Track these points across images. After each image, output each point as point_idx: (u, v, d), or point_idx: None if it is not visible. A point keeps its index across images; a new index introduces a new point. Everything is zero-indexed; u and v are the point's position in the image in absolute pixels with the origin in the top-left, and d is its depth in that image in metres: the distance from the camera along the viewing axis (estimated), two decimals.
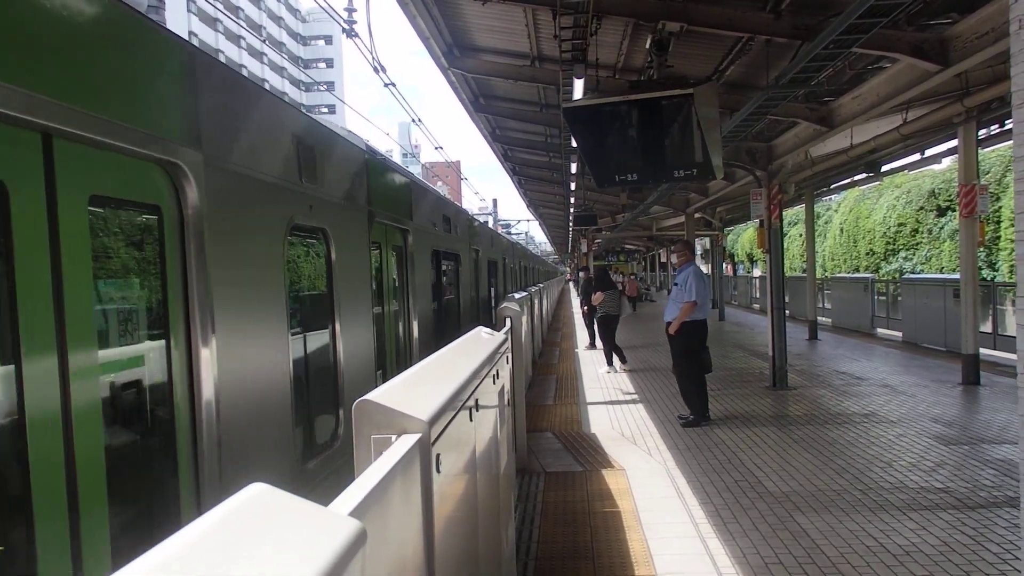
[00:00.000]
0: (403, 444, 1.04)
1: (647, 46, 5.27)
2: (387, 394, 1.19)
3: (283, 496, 0.61)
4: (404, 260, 5.16)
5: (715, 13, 5.10)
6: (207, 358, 2.11)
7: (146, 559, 0.46)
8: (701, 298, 6.24)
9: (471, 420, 1.78)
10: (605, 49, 6.46)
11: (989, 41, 4.46)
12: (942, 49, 4.91)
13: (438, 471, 1.20)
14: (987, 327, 10.57)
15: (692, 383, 6.37)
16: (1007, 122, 8.57)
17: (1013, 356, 9.43)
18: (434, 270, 6.33)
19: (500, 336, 3.14)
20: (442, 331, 6.46)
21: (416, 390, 1.36)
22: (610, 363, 9.82)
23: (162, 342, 2.03)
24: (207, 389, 2.10)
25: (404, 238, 5.17)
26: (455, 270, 7.75)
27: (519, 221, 78.75)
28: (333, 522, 0.59)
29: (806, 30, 5.05)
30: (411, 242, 5.24)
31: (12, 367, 1.48)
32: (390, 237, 4.84)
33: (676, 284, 6.48)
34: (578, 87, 5.80)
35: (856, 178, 12.83)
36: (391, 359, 4.67)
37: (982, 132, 8.85)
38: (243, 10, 57.24)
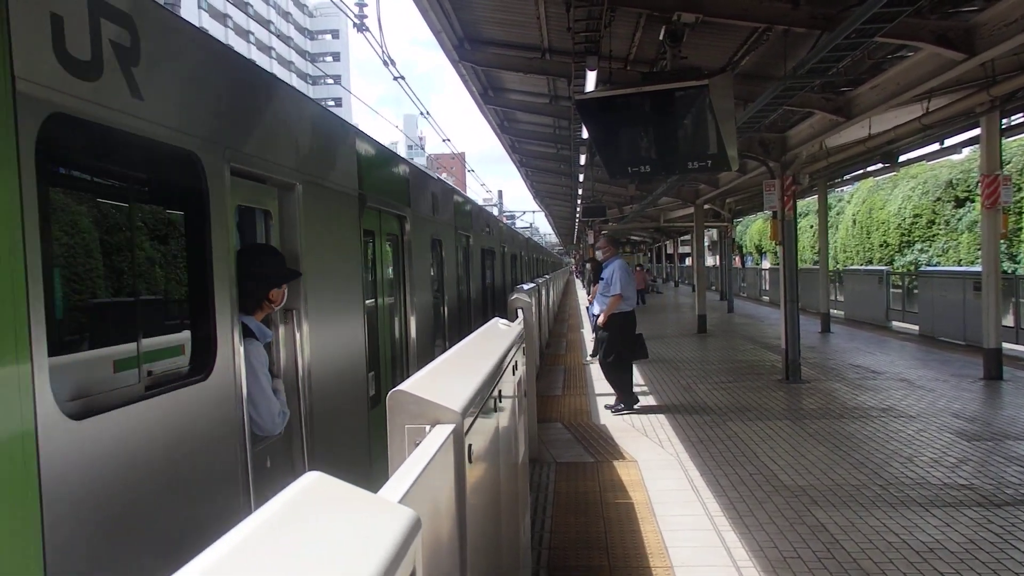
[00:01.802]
0: (439, 434, 1.04)
1: (660, 37, 5.19)
2: (419, 384, 1.19)
3: (339, 484, 0.61)
4: (468, 255, 7.84)
5: (732, 3, 5.01)
6: (410, 309, 4.60)
7: (221, 548, 0.46)
8: (626, 291, 6.75)
9: (495, 410, 1.78)
10: (617, 41, 6.38)
11: (1017, 29, 4.34)
12: (968, 37, 4.79)
13: (470, 461, 1.20)
14: (1008, 321, 10.39)
15: (618, 371, 6.80)
16: None
17: None
18: (481, 261, 9.05)
19: (517, 327, 3.15)
20: (485, 302, 9.32)
21: (445, 381, 1.36)
22: None
23: (400, 300, 4.55)
24: (411, 322, 4.61)
25: (467, 241, 7.77)
26: (492, 262, 10.60)
27: (524, 212, 78.85)
28: (389, 510, 0.60)
29: (825, 19, 4.96)
30: (471, 244, 7.94)
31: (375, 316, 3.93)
32: (462, 241, 7.46)
33: (602, 279, 6.96)
34: (590, 79, 5.74)
35: (871, 168, 12.62)
36: (465, 314, 7.52)
37: (1003, 121, 8.67)
38: (251, 5, 57.37)
